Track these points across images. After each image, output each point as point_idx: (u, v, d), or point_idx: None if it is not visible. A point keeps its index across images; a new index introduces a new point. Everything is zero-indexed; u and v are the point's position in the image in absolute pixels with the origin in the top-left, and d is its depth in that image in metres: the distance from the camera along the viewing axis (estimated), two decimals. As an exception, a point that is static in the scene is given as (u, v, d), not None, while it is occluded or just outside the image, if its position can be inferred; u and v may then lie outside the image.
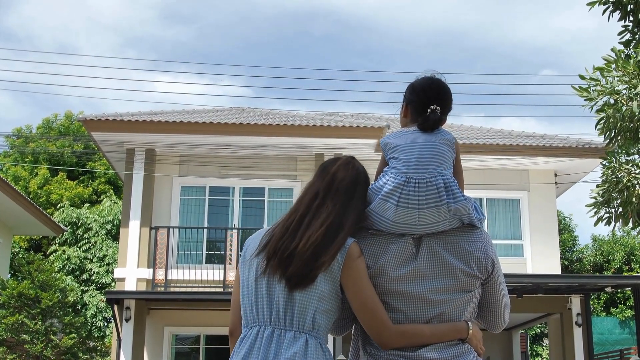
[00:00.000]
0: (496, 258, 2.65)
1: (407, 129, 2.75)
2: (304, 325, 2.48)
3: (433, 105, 2.69)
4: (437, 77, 2.78)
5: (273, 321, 2.50)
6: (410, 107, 2.78)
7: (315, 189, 2.61)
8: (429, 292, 2.53)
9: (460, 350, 2.53)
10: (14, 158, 33.54)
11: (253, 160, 18.20)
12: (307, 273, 2.47)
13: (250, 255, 2.62)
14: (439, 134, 2.66)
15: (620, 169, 7.91)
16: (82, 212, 28.73)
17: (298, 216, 2.57)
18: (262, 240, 2.60)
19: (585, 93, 7.72)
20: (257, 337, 2.50)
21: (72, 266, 27.48)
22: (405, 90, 2.83)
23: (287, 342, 2.46)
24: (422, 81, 2.78)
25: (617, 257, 28.64)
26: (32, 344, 16.21)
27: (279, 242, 2.53)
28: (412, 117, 2.76)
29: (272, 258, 2.52)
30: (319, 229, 2.51)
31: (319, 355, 2.47)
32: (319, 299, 2.49)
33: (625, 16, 8.24)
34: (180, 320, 17.50)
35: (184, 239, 17.93)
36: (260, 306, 2.53)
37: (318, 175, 2.67)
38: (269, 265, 2.52)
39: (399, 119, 2.90)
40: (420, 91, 2.75)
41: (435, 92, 2.74)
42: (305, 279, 2.47)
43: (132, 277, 17.01)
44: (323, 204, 2.57)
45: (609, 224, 8.21)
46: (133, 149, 17.80)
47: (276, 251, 2.51)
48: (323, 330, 2.53)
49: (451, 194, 2.54)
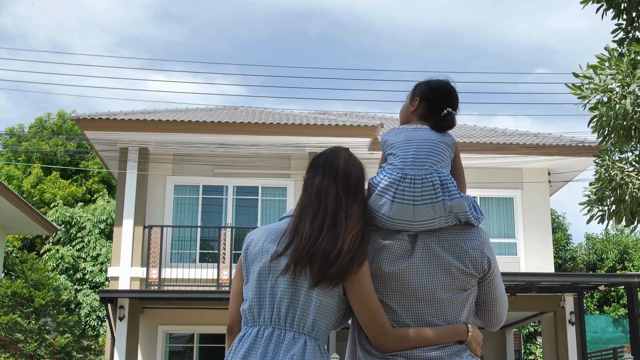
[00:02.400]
0: (493, 257, 2.64)
1: (407, 126, 2.76)
2: (304, 326, 2.47)
3: (448, 107, 2.73)
4: (451, 83, 2.82)
5: (274, 321, 2.48)
6: (423, 104, 2.79)
7: (335, 188, 2.57)
8: (423, 290, 2.52)
9: (456, 349, 2.53)
10: (7, 157, 33.45)
11: (246, 159, 18.18)
12: (343, 274, 2.45)
13: (255, 252, 2.59)
14: (439, 134, 2.68)
15: (613, 167, 7.92)
16: (75, 211, 28.66)
17: (329, 217, 2.52)
18: (283, 240, 2.54)
19: (579, 91, 7.73)
20: (257, 337, 2.48)
21: (65, 265, 27.40)
22: (418, 85, 2.84)
23: (286, 343, 2.45)
24: (441, 83, 2.81)
25: (610, 255, 28.69)
26: (26, 343, 16.18)
27: (312, 244, 2.48)
28: (422, 113, 2.78)
29: (303, 259, 2.47)
30: (355, 229, 2.48)
31: (316, 357, 2.46)
32: (328, 303, 2.49)
33: (618, 14, 8.25)
34: (174, 319, 17.47)
35: (177, 238, 17.91)
36: (263, 306, 2.51)
37: (324, 170, 2.63)
38: (297, 266, 2.47)
39: (399, 112, 2.91)
40: (440, 92, 2.78)
41: (452, 95, 2.79)
42: (339, 280, 2.46)
43: (125, 276, 16.98)
44: (348, 203, 2.54)
45: (602, 222, 8.22)
46: (126, 148, 17.77)
47: (309, 252, 2.46)
48: (323, 331, 2.52)
49: (447, 191, 2.54)
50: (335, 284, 2.45)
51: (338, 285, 2.47)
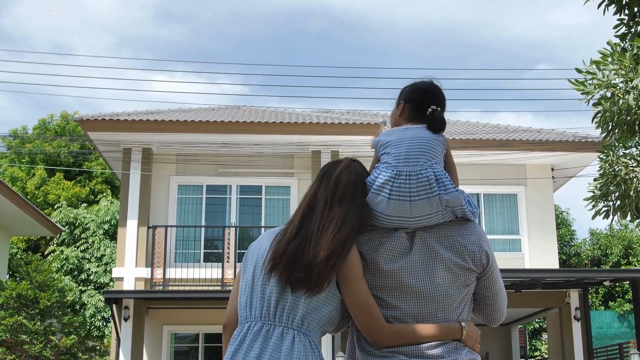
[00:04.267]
0: (491, 251, 2.66)
1: (398, 127, 2.80)
2: (293, 321, 2.49)
3: (433, 105, 2.76)
4: (436, 82, 2.88)
5: (263, 316, 2.51)
6: (408, 106, 2.83)
7: (325, 197, 2.61)
8: (422, 287, 2.53)
9: (455, 346, 2.53)
10: (10, 159, 33.50)
11: (250, 159, 18.20)
12: (320, 282, 2.47)
13: (254, 255, 2.65)
14: (430, 132, 2.71)
15: (617, 163, 7.92)
16: (79, 212, 28.71)
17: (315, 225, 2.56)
18: (272, 243, 2.59)
19: (582, 87, 7.72)
20: (247, 333, 2.51)
21: (70, 266, 27.46)
22: (403, 90, 2.90)
23: (274, 338, 2.46)
24: (423, 83, 2.86)
25: (614, 250, 28.68)
26: (31, 344, 16.18)
27: (287, 247, 2.53)
28: (409, 115, 2.82)
29: (279, 263, 2.51)
30: (332, 234, 2.50)
31: (307, 352, 2.46)
32: (317, 299, 2.51)
33: (620, 9, 8.23)
34: (179, 319, 17.50)
35: (181, 238, 17.93)
36: (254, 302, 2.54)
37: (321, 179, 2.68)
38: (276, 269, 2.52)
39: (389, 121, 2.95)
40: (423, 92, 2.82)
41: (437, 94, 2.83)
42: (316, 287, 2.48)
43: (130, 276, 17.02)
44: (332, 210, 2.57)
45: (607, 217, 8.21)
46: (130, 149, 17.79)
47: (283, 256, 2.51)
48: (314, 326, 2.52)
49: (442, 185, 2.56)
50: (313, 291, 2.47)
51: (321, 290, 2.48)
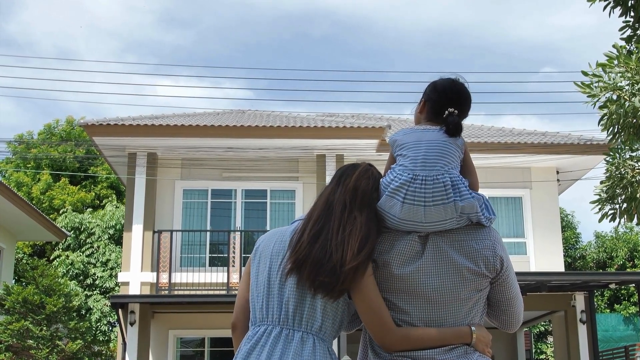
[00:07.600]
0: (506, 256, 2.62)
1: (417, 126, 2.75)
2: (313, 326, 2.48)
3: (451, 108, 2.68)
4: (460, 81, 2.77)
5: (282, 321, 2.50)
6: (428, 105, 2.77)
7: (343, 200, 2.58)
8: (434, 291, 2.50)
9: (464, 350, 2.51)
10: (16, 164, 33.56)
11: (254, 163, 18.20)
12: (344, 289, 2.46)
13: (266, 253, 2.62)
14: (447, 135, 2.65)
15: (624, 165, 7.91)
16: (84, 217, 28.75)
17: (330, 226, 2.53)
18: (290, 244, 2.57)
19: (588, 89, 7.73)
20: (263, 335, 2.49)
21: (75, 271, 27.49)
22: (427, 87, 2.81)
23: (295, 343, 2.45)
24: (445, 82, 2.77)
25: (620, 253, 28.63)
26: (37, 349, 16.22)
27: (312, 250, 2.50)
28: (428, 115, 2.76)
29: (303, 266, 2.48)
30: (357, 242, 2.48)
31: (326, 358, 2.47)
32: (333, 304, 2.50)
33: (626, 12, 8.23)
34: (185, 324, 17.50)
35: (186, 242, 17.94)
36: (271, 305, 2.52)
37: (338, 181, 2.65)
38: (297, 271, 2.49)
39: (413, 115, 2.88)
40: (442, 91, 2.74)
41: (456, 94, 2.73)
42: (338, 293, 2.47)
43: (135, 281, 17.02)
44: (352, 215, 2.54)
45: (614, 220, 8.21)
46: (135, 153, 17.81)
47: (308, 259, 2.48)
48: (329, 333, 2.53)
49: (458, 192, 2.53)
50: (335, 295, 2.46)
51: (341, 296, 2.48)
